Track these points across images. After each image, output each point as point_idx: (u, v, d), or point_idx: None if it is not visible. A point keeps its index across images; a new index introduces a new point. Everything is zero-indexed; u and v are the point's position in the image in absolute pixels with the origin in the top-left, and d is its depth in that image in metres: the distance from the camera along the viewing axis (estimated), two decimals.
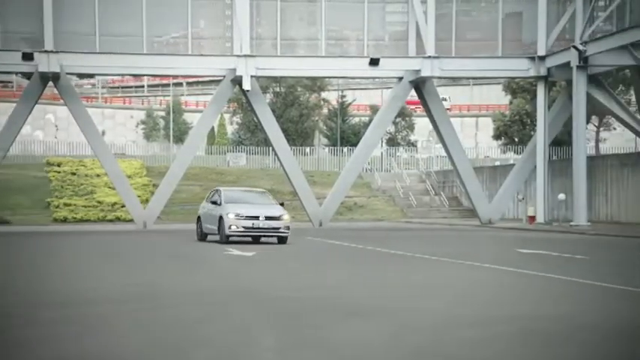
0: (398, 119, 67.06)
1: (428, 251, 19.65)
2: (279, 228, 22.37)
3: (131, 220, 39.72)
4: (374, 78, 59.63)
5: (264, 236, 22.69)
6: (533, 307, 9.50)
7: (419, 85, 38.55)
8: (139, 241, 25.05)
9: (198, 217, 24.93)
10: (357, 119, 75.25)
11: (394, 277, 13.34)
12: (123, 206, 43.18)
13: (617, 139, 59.18)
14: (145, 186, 50.22)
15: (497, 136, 59.86)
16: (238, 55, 36.80)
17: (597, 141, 58.46)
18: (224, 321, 8.44)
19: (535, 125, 40.76)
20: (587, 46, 33.93)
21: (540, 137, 38.50)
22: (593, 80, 36.64)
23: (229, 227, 22.26)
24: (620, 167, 38.40)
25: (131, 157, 60.50)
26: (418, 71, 37.48)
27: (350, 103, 75.91)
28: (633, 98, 41.44)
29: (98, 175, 50.31)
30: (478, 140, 77.02)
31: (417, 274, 14.21)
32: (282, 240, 22.61)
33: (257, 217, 22.30)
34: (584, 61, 34.15)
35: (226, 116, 74.59)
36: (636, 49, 31.58)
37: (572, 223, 34.22)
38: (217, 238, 22.95)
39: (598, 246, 22.86)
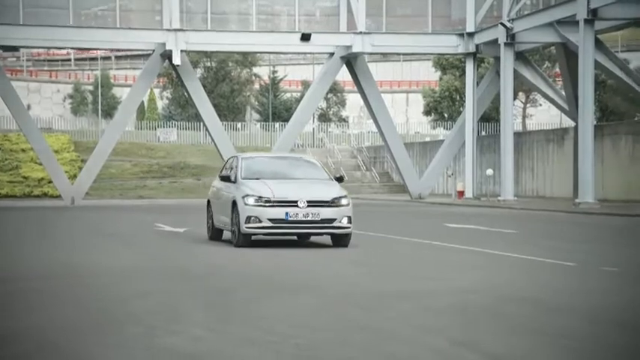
0: (329, 95, 67.17)
1: (358, 226, 19.80)
2: (333, 221, 13.46)
3: (59, 196, 38.97)
4: (305, 53, 59.47)
5: (310, 233, 14.03)
6: (460, 281, 9.67)
7: (350, 60, 38.62)
8: (67, 218, 24.60)
9: (208, 203, 15.78)
10: (288, 95, 75.10)
11: (323, 253, 13.40)
12: (50, 182, 42.33)
13: (543, 115, 60.44)
14: (72, 161, 49.31)
15: (427, 112, 60.50)
16: (168, 29, 36.25)
17: (524, 117, 59.61)
18: (155, 298, 8.38)
19: (464, 101, 41.32)
20: (514, 23, 34.45)
21: (469, 113, 39.05)
22: (520, 57, 37.26)
23: (247, 220, 13.41)
24: (545, 143, 39.27)
25: (58, 131, 59.24)
26: (349, 47, 37.53)
27: (281, 79, 75.68)
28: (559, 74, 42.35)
29: (24, 150, 49.17)
30: (408, 116, 77.76)
31: (346, 249, 14.29)
32: (339, 240, 13.90)
33: (295, 203, 13.38)
34: (511, 38, 34.67)
35: (156, 91, 73.61)
36: (561, 26, 32.19)
37: (499, 198, 34.90)
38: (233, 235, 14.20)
39: (525, 220, 23.38)
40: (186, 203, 37.97)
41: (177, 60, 36.08)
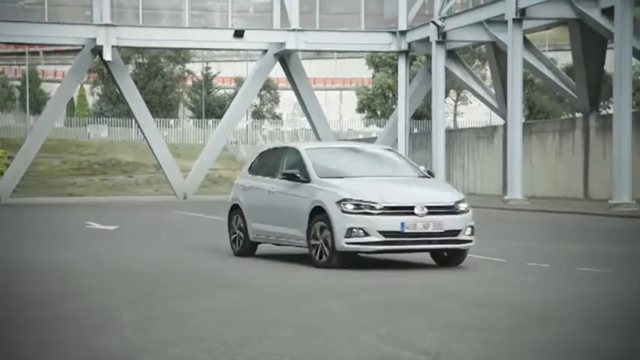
0: (263, 92, 67.09)
1: None
2: (457, 232, 10.54)
3: None
4: (239, 50, 59.26)
5: (431, 250, 10.78)
6: (390, 277, 9.83)
7: (284, 57, 38.67)
8: None
9: (234, 208, 12.38)
10: (222, 91, 74.73)
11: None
12: None
13: (473, 113, 61.44)
14: None
15: (360, 110, 60.94)
16: (98, 24, 35.73)
17: (455, 115, 60.53)
18: (87, 297, 8.33)
19: (397, 99, 41.75)
20: (445, 21, 34.96)
21: (401, 111, 39.49)
22: (452, 55, 37.84)
23: (349, 233, 10.23)
24: (476, 140, 39.97)
25: None
26: (283, 44, 37.57)
27: (214, 75, 75.26)
28: (488, 73, 43.08)
29: None
30: (342, 113, 78.13)
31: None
32: (455, 257, 10.94)
33: (411, 210, 10.34)
34: (442, 36, 35.16)
35: (87, 87, 72.41)
36: (491, 25, 32.79)
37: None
38: (302, 249, 11.26)
39: None
40: (117, 201, 37.52)
41: (107, 56, 35.60)
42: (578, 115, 36.76)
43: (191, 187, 38.69)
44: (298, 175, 11.06)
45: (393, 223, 10.17)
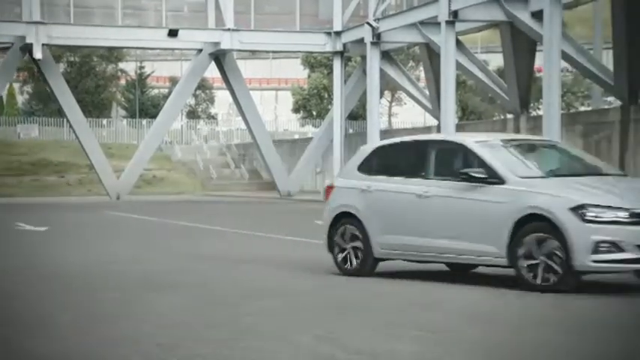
0: (198, 92, 66.59)
1: (228, 224, 19.80)
2: None
3: None
4: (173, 49, 58.69)
5: None
6: (332, 278, 9.87)
7: (219, 57, 38.49)
8: None
9: (340, 217, 10.20)
10: (156, 91, 73.92)
11: (192, 250, 13.38)
12: None
13: (408, 114, 62.04)
14: None
15: (296, 110, 60.98)
16: (28, 22, 34.98)
17: (390, 115, 61.06)
18: (19, 299, 8.18)
19: (332, 99, 41.93)
20: (380, 23, 35.24)
21: (337, 111, 39.68)
22: (386, 56, 38.17)
23: (596, 249, 8.05)
24: None
25: None
26: (218, 44, 37.40)
27: (149, 75, 74.36)
28: (422, 74, 43.59)
29: None
30: (277, 114, 78.07)
31: (214, 246, 14.32)
32: None
33: None
34: (377, 37, 35.44)
35: (16, 85, 70.77)
36: (425, 26, 33.20)
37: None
38: (487, 267, 9.28)
39: None
40: (48, 202, 36.82)
41: (38, 54, 34.92)
42: (509, 116, 37.47)
43: (124, 187, 38.24)
44: (484, 176, 8.68)
45: None
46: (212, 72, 46.87)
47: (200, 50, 38.22)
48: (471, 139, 9.28)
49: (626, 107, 28.12)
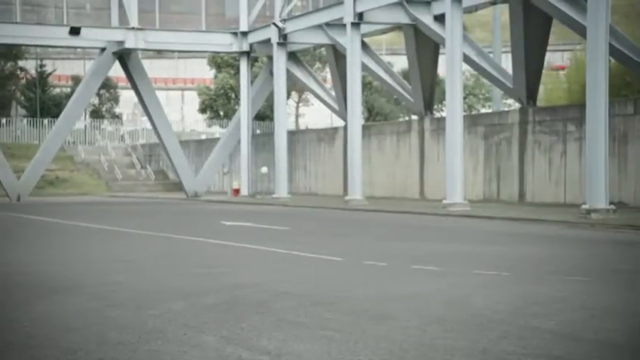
0: (102, 91, 65.31)
1: (133, 225, 19.49)
2: None
3: None
4: (75, 48, 57.36)
5: None
6: (233, 278, 9.84)
7: (123, 56, 37.85)
8: None
9: None
10: (58, 90, 72.13)
11: (94, 253, 13.11)
12: None
13: (315, 115, 62.39)
14: None
15: (202, 110, 60.48)
16: None
17: (297, 116, 61.24)
18: None
19: (239, 100, 41.80)
20: (287, 23, 35.32)
21: (244, 112, 39.57)
22: (293, 57, 38.29)
23: None
24: (317, 142, 40.62)
25: None
26: (122, 42, 36.76)
27: (50, 73, 72.50)
28: (329, 75, 43.92)
29: None
30: (184, 114, 77.31)
31: (117, 248, 14.07)
32: None
33: None
34: (283, 38, 35.52)
35: None
36: (330, 28, 33.46)
37: (274, 196, 35.65)
38: None
39: (297, 217, 24.09)
40: None
41: None
42: (414, 117, 38.12)
43: (25, 188, 37.19)
44: None
45: None
46: (116, 71, 46.04)
47: (103, 49, 37.51)
48: None
49: (525, 109, 28.99)
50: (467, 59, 28.80)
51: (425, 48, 33.02)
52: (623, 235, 16.54)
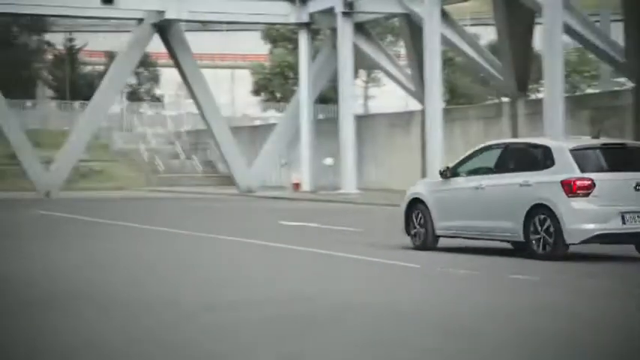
0: (140, 69, 66.23)
1: (177, 224, 19.78)
2: None
3: None
4: (109, 19, 58.26)
5: None
6: (294, 288, 9.97)
7: (163, 28, 38.32)
8: None
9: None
10: (90, 68, 73.38)
11: (129, 256, 13.39)
12: None
13: (387, 97, 62.26)
14: None
15: (256, 92, 60.86)
16: None
17: (366, 98, 61.20)
18: None
19: (298, 79, 41.99)
20: None
21: (304, 93, 39.72)
22: (361, 29, 38.22)
23: None
24: (390, 128, 40.58)
25: None
26: (162, 12, 37.22)
27: (80, 48, 73.83)
28: (403, 50, 43.80)
29: None
30: (235, 96, 77.96)
31: (162, 250, 14.32)
32: None
33: None
34: (349, 6, 35.52)
35: None
36: None
37: (340, 191, 35.76)
38: None
39: (367, 216, 24.15)
40: None
41: None
42: (504, 99, 37.82)
43: (55, 182, 37.99)
44: None
45: None
46: (156, 46, 46.65)
47: (141, 20, 38.04)
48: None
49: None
50: (568, 30, 28.46)
51: (518, 16, 32.68)
52: None
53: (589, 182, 12.24)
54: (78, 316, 8.06)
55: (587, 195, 12.19)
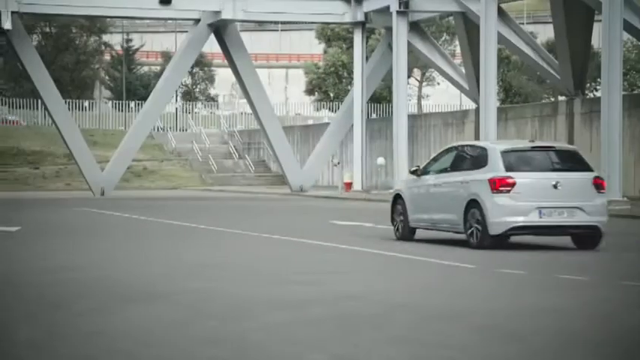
0: (195, 69, 66.71)
1: (231, 224, 19.79)
2: None
3: None
4: (166, 19, 58.77)
5: None
6: (346, 286, 9.79)
7: (219, 29, 38.45)
8: None
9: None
10: (146, 68, 74.13)
11: (185, 255, 13.33)
12: None
13: (441, 96, 61.93)
14: None
15: (309, 91, 60.95)
16: None
17: (420, 97, 60.91)
18: None
19: (352, 79, 41.84)
20: None
21: (357, 93, 39.57)
22: (415, 28, 37.99)
23: None
24: (444, 127, 40.24)
25: None
26: (218, 13, 37.35)
27: (137, 49, 74.63)
28: (458, 49, 43.40)
29: None
30: (288, 95, 78.17)
31: (215, 250, 14.27)
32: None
33: None
34: (405, 5, 35.29)
35: None
36: None
37: (392, 191, 35.48)
38: None
39: None
40: (20, 197, 36.91)
41: (7, 24, 34.99)
42: (561, 98, 37.24)
43: (110, 181, 38.30)
44: None
45: None
46: (212, 46, 46.85)
47: (197, 21, 38.20)
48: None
49: None
50: (628, 27, 27.86)
51: (576, 14, 32.16)
52: None
53: (512, 180, 13.54)
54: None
55: (509, 192, 13.47)
